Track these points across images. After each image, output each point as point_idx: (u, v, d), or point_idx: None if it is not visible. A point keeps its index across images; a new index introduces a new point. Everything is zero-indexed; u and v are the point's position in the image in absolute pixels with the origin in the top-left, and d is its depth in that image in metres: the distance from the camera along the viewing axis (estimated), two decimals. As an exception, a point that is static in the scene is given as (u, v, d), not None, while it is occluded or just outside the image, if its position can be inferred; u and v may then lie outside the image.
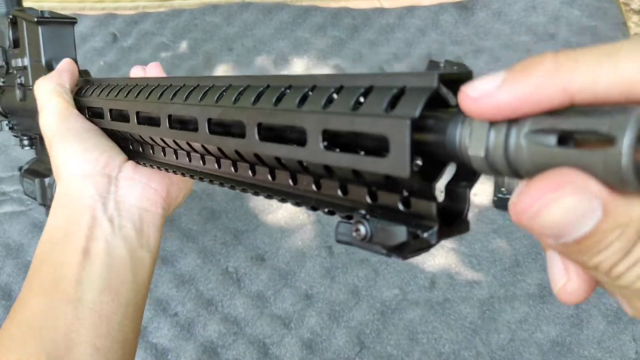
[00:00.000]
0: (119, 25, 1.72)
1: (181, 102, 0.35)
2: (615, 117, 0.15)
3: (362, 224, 0.23)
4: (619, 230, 0.16)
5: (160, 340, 1.09)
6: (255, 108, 0.28)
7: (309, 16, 1.70)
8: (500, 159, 0.19)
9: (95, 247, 0.41)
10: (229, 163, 0.33)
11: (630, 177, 0.15)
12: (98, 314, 0.39)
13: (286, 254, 1.21)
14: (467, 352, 1.06)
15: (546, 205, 0.16)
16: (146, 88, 0.40)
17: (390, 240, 0.23)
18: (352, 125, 0.23)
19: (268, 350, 1.07)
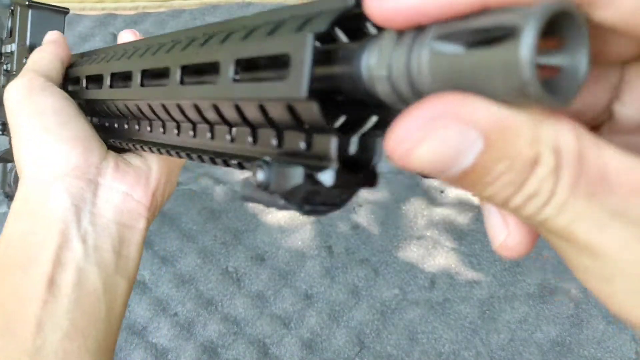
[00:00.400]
0: (119, 26, 1.72)
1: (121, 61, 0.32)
2: (523, 9, 0.14)
3: (261, 169, 0.21)
4: (506, 162, 0.14)
5: (160, 340, 1.08)
6: (181, 53, 0.26)
7: (308, 18, 1.71)
8: (402, 77, 0.16)
9: (63, 276, 0.32)
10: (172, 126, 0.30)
11: (528, 74, 0.13)
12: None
13: (286, 253, 1.21)
14: (467, 352, 1.06)
15: (417, 142, 0.14)
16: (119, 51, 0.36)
17: (286, 184, 0.20)
18: (260, 49, 0.21)
19: (268, 350, 1.07)
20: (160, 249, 1.21)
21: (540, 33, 0.13)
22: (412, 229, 1.25)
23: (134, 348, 1.07)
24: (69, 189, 0.34)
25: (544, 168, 0.14)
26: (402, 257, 1.20)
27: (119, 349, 1.07)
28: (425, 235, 1.23)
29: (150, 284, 1.16)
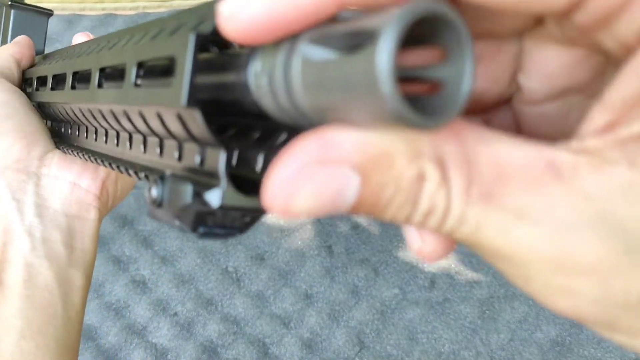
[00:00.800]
0: (119, 26, 1.72)
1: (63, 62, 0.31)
2: (386, 13, 0.12)
3: (155, 185, 0.19)
4: (390, 187, 0.13)
5: (159, 340, 1.08)
6: (100, 54, 0.25)
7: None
8: (281, 87, 0.15)
9: (10, 273, 0.31)
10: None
11: (387, 87, 0.11)
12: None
13: (286, 253, 1.21)
14: (466, 352, 1.06)
15: (292, 193, 0.13)
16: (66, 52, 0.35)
17: (177, 202, 0.19)
18: (153, 51, 0.20)
19: (268, 350, 1.07)
20: (160, 248, 1.21)
21: (401, 38, 0.11)
22: (412, 229, 1.25)
23: (134, 348, 1.07)
24: (8, 182, 0.33)
25: (431, 183, 0.13)
26: (402, 257, 1.20)
27: (118, 348, 1.07)
28: (425, 235, 1.24)
29: (150, 284, 1.16)
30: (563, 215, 0.13)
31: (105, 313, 1.12)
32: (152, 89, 0.20)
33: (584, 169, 0.13)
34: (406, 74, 0.14)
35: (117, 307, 1.13)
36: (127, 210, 1.28)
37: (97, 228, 0.36)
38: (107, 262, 1.19)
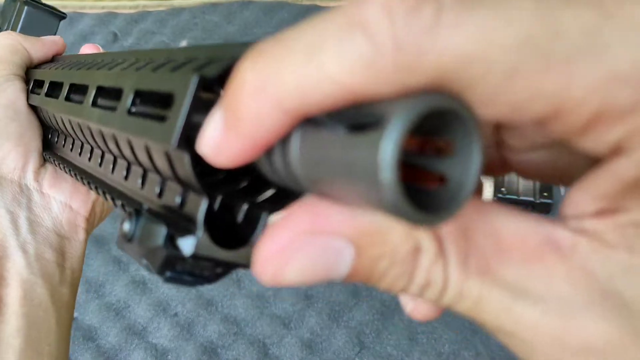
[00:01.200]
0: (119, 24, 1.72)
1: (63, 71, 0.31)
2: (398, 99, 0.11)
3: (128, 220, 0.19)
4: (385, 259, 0.13)
5: (160, 340, 1.08)
6: (100, 72, 0.25)
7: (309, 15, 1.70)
8: (278, 153, 0.14)
9: (9, 290, 0.30)
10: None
11: (388, 176, 0.11)
12: None
13: (286, 253, 1.21)
14: (467, 352, 1.06)
15: (283, 264, 0.13)
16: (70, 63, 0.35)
17: (148, 242, 0.18)
18: (154, 83, 0.19)
19: (268, 351, 1.07)
20: (160, 249, 1.21)
21: (410, 129, 0.11)
22: (412, 229, 1.25)
23: (134, 348, 1.08)
24: (3, 192, 0.32)
25: (427, 256, 0.13)
26: (402, 257, 1.20)
27: (119, 349, 1.07)
28: (426, 235, 1.23)
29: (150, 285, 1.16)
30: (565, 292, 0.13)
31: (106, 313, 1.12)
32: (145, 121, 0.19)
33: (583, 248, 0.13)
34: (410, 161, 0.13)
35: (117, 307, 1.13)
36: (127, 211, 1.28)
37: (84, 249, 0.36)
38: (107, 262, 1.19)
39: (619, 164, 0.12)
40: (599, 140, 0.12)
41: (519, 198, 1.25)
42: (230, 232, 0.19)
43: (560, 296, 0.13)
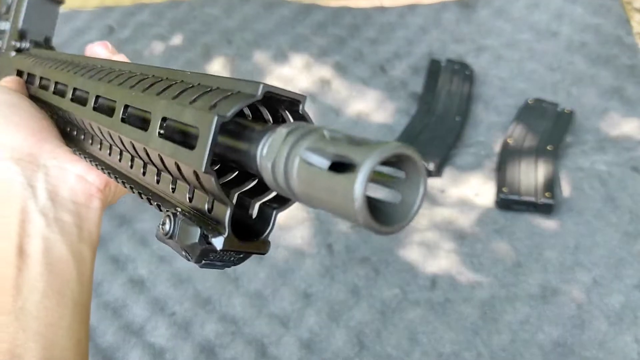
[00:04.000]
0: (116, 17, 1.70)
1: (84, 78, 0.36)
2: (368, 147, 0.16)
3: (168, 220, 0.25)
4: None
5: (157, 339, 1.07)
6: (127, 89, 0.29)
7: (309, 14, 1.69)
8: (281, 172, 0.19)
9: (31, 244, 0.36)
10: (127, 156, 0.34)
11: (359, 206, 0.16)
12: (44, 322, 0.34)
13: (285, 252, 1.19)
14: (467, 352, 1.05)
15: None
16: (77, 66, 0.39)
17: (186, 240, 0.24)
18: (180, 115, 0.24)
19: (266, 350, 1.06)
20: (157, 247, 1.20)
21: (373, 169, 0.16)
22: (413, 228, 1.23)
23: (132, 347, 1.06)
24: (23, 170, 0.38)
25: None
26: (402, 256, 1.19)
27: (116, 347, 1.06)
28: (427, 235, 1.22)
29: (148, 283, 1.15)
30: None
31: (103, 312, 1.10)
32: (175, 145, 0.24)
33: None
34: (378, 181, 0.19)
35: (114, 306, 1.12)
36: (125, 209, 1.27)
37: (101, 216, 0.40)
38: (105, 261, 1.18)
39: None
40: None
41: (520, 198, 1.24)
42: (248, 228, 0.25)
43: None
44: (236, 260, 0.25)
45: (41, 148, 0.39)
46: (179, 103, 0.25)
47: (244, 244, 0.24)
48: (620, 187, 1.27)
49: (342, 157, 0.17)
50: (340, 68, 1.55)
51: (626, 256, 1.16)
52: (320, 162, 0.18)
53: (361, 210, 0.16)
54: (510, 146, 1.35)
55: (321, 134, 0.19)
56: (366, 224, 0.17)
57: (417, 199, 0.18)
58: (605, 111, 1.42)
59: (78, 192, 0.39)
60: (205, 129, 0.22)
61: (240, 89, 0.23)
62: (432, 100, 1.45)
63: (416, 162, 0.18)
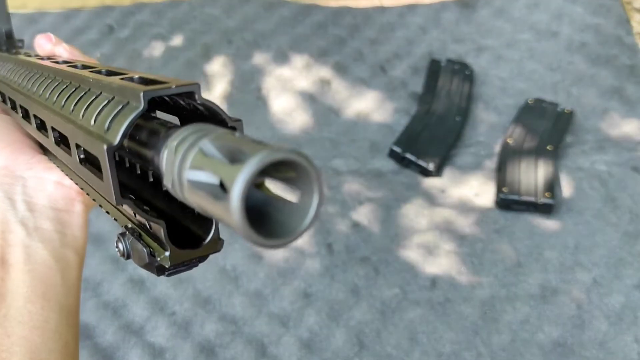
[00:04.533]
0: (116, 17, 1.70)
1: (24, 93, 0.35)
2: (237, 165, 0.16)
3: (120, 242, 0.25)
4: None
5: (157, 339, 1.07)
6: (51, 107, 0.29)
7: (309, 14, 1.68)
8: (179, 191, 0.19)
9: (12, 254, 0.36)
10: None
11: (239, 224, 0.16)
12: (29, 326, 0.35)
13: (284, 251, 1.19)
14: (467, 352, 1.05)
15: None
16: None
17: (139, 260, 0.24)
18: (85, 143, 0.24)
19: (266, 350, 1.06)
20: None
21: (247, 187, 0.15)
22: (413, 228, 1.23)
23: (132, 347, 1.06)
24: (1, 185, 0.38)
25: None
26: (402, 256, 1.19)
27: (116, 347, 1.06)
28: (427, 235, 1.22)
29: (147, 283, 1.15)
30: None
31: (103, 312, 1.10)
32: (92, 174, 0.24)
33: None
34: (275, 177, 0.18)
35: (114, 306, 1.12)
36: (124, 208, 1.27)
37: (85, 218, 0.40)
38: (104, 261, 1.17)
39: None
40: None
41: (520, 198, 1.24)
42: (196, 227, 0.25)
43: None
44: (197, 261, 0.25)
45: (16, 160, 0.39)
46: (82, 126, 0.25)
47: (191, 251, 0.24)
48: (620, 187, 1.27)
49: (219, 177, 0.17)
50: (340, 68, 1.55)
51: (626, 256, 1.16)
52: (205, 178, 0.17)
53: (243, 229, 0.16)
54: (510, 146, 1.35)
55: (202, 147, 0.18)
56: (252, 240, 0.16)
57: (312, 208, 0.17)
58: (605, 111, 1.42)
59: (57, 199, 0.39)
60: (103, 161, 0.22)
61: (129, 97, 0.23)
62: (432, 100, 1.45)
63: (301, 165, 0.17)
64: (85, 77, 0.27)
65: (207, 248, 0.24)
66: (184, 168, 0.18)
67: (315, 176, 0.17)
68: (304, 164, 0.17)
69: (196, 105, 0.23)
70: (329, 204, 1.27)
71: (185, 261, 0.24)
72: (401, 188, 1.30)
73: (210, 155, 0.17)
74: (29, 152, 0.40)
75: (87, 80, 0.27)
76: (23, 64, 0.39)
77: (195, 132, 0.19)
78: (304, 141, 1.39)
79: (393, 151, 1.35)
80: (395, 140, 1.37)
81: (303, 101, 1.47)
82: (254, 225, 0.16)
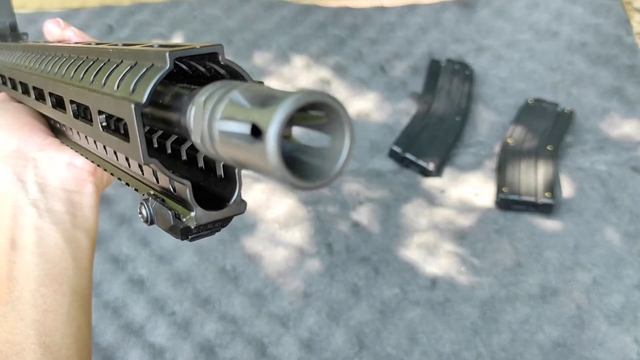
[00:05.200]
0: (116, 17, 1.70)
1: (37, 74, 0.36)
2: (269, 109, 0.16)
3: (143, 207, 0.25)
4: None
5: (157, 339, 1.07)
6: (68, 82, 0.29)
7: (309, 14, 1.68)
8: (209, 145, 0.19)
9: (23, 236, 0.37)
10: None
11: (275, 166, 0.16)
12: (42, 309, 0.35)
13: (284, 251, 1.19)
14: (467, 352, 1.05)
15: None
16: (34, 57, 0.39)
17: (164, 223, 0.24)
18: (108, 107, 0.24)
19: (266, 350, 1.06)
20: (157, 247, 1.20)
21: (279, 134, 0.15)
22: (413, 228, 1.23)
23: (131, 347, 1.06)
24: (13, 167, 0.39)
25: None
26: (402, 256, 1.19)
27: (116, 347, 1.06)
28: (426, 235, 1.22)
29: (147, 283, 1.15)
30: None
31: (103, 312, 1.10)
32: (117, 139, 0.24)
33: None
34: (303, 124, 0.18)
35: (114, 305, 1.12)
36: (125, 208, 1.27)
37: (96, 200, 0.41)
38: (104, 260, 1.17)
39: None
40: None
41: (520, 198, 1.24)
42: (219, 189, 0.25)
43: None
44: (221, 226, 0.25)
45: (27, 143, 0.40)
46: (105, 92, 0.25)
47: (217, 212, 0.24)
48: (620, 187, 1.27)
49: (252, 122, 0.17)
50: (340, 68, 1.55)
51: (626, 256, 1.16)
52: (237, 128, 0.17)
53: (279, 170, 0.16)
54: (510, 146, 1.35)
55: (232, 98, 0.18)
56: (289, 182, 0.16)
57: (344, 150, 0.17)
58: (605, 111, 1.42)
59: (69, 179, 0.39)
60: (130, 120, 0.22)
61: (153, 60, 0.23)
62: (432, 100, 1.45)
63: (332, 106, 0.17)
64: (104, 49, 0.27)
65: (232, 209, 0.25)
66: (215, 119, 0.18)
67: (346, 118, 0.17)
68: (334, 105, 0.17)
69: (218, 69, 0.23)
70: (329, 204, 1.27)
71: (209, 224, 0.24)
72: (401, 188, 1.30)
73: (240, 104, 0.18)
74: (41, 135, 0.41)
75: (106, 52, 0.27)
76: (33, 49, 0.39)
77: (222, 87, 0.19)
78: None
79: (393, 151, 1.35)
80: (395, 140, 1.37)
81: (303, 101, 1.47)
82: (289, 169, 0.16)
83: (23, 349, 0.33)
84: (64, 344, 0.35)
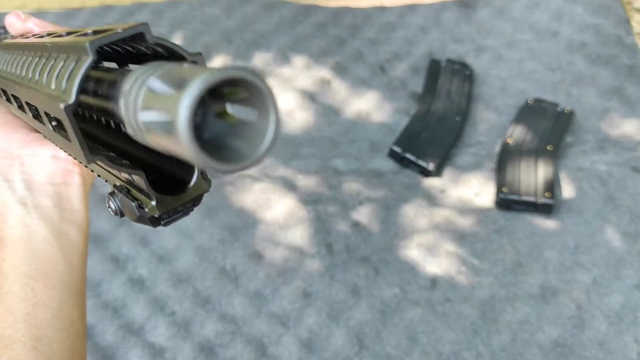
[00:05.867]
0: (116, 16, 1.70)
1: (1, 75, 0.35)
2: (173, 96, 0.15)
3: (111, 200, 0.26)
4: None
5: (157, 339, 1.07)
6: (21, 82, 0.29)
7: (309, 14, 1.68)
8: (141, 137, 0.18)
9: (11, 234, 0.37)
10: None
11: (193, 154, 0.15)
12: (32, 302, 0.35)
13: (284, 251, 1.19)
14: (467, 352, 1.05)
15: None
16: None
17: (132, 214, 0.24)
18: (48, 107, 0.23)
19: (266, 350, 1.06)
20: (157, 247, 1.20)
21: (191, 114, 0.14)
22: (413, 228, 1.23)
23: (131, 347, 1.06)
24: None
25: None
26: (402, 256, 1.19)
27: (116, 347, 1.06)
28: (426, 235, 1.22)
29: (147, 283, 1.15)
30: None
31: (103, 312, 1.10)
32: (63, 139, 0.24)
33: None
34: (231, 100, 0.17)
35: (114, 305, 1.12)
36: (124, 208, 1.27)
37: (84, 191, 0.40)
38: (104, 260, 1.17)
39: None
40: None
41: (520, 198, 1.24)
42: (180, 178, 0.24)
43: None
44: (192, 204, 0.25)
45: (11, 141, 0.40)
46: (46, 92, 0.24)
47: (177, 197, 0.24)
48: (620, 187, 1.27)
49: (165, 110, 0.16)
50: (340, 68, 1.55)
51: (626, 256, 1.16)
52: (158, 117, 0.16)
53: (197, 155, 0.15)
54: (510, 146, 1.35)
55: (149, 85, 0.17)
56: (209, 167, 0.16)
57: (268, 130, 0.16)
58: (605, 111, 1.42)
59: (55, 172, 0.39)
60: (65, 121, 0.21)
61: (79, 52, 0.22)
62: (432, 100, 1.45)
63: (249, 81, 0.16)
64: (45, 44, 0.27)
65: (194, 190, 0.24)
66: (137, 111, 0.17)
67: (267, 91, 0.16)
68: (251, 79, 0.16)
69: (155, 48, 0.22)
70: (329, 203, 1.27)
71: (178, 207, 0.24)
72: (401, 188, 1.30)
73: (158, 91, 0.16)
74: (23, 132, 0.40)
75: (46, 46, 0.26)
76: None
77: (145, 72, 0.18)
78: (304, 141, 1.39)
79: (393, 151, 1.35)
80: (395, 140, 1.37)
81: (303, 101, 1.47)
82: (216, 154, 0.15)
83: (13, 341, 0.33)
84: (55, 338, 0.35)
